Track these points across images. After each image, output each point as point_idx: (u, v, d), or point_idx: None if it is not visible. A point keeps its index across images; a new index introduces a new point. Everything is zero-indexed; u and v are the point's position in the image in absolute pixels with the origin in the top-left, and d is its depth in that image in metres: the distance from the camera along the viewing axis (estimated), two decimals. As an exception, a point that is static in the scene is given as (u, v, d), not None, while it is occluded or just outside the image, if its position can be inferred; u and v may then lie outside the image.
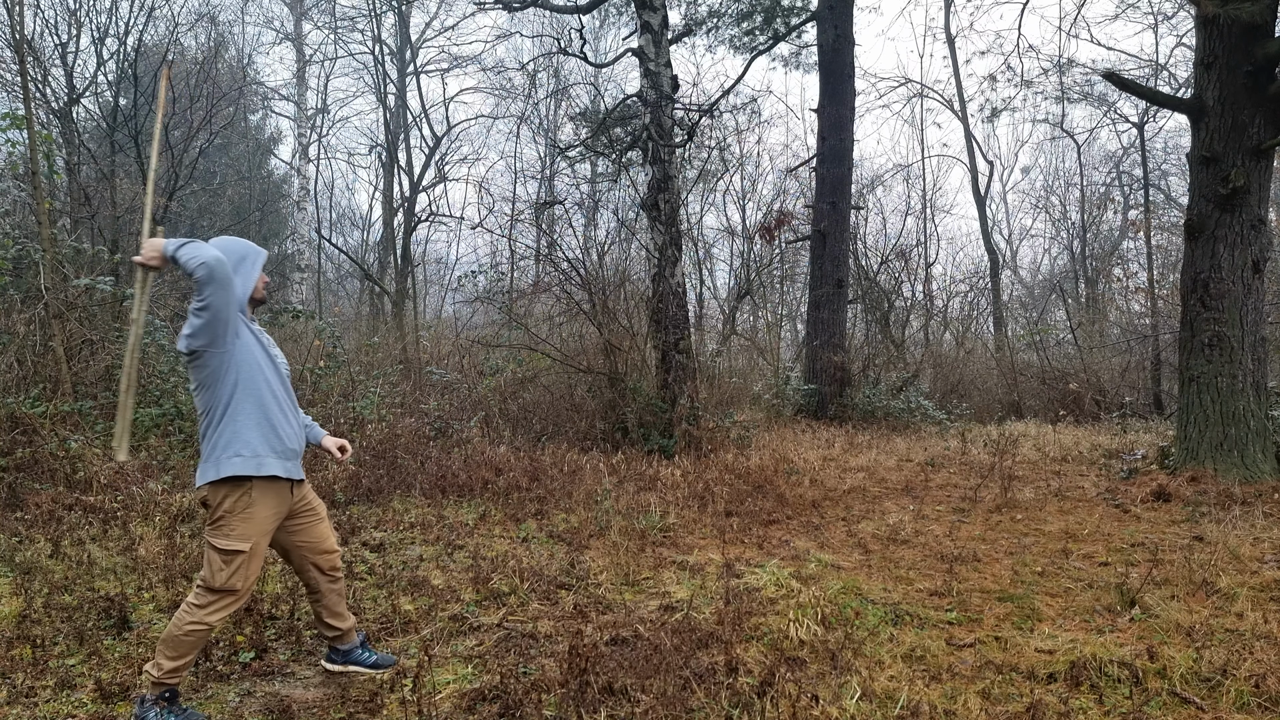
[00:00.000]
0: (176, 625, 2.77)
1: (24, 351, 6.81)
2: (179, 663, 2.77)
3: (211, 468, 2.78)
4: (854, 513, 6.05)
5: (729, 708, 2.80)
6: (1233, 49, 6.88)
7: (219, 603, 2.79)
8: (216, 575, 2.77)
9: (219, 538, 2.78)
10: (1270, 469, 6.70)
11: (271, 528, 2.89)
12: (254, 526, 2.81)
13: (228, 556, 2.77)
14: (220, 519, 2.78)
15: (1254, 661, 3.07)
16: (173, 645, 2.76)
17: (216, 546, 2.78)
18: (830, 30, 12.56)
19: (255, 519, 2.81)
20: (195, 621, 2.77)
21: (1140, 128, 16.55)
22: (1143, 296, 15.25)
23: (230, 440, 2.78)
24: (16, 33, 7.95)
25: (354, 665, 3.20)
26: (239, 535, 2.78)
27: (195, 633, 2.77)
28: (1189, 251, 7.25)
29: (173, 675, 2.77)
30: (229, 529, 2.78)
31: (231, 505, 2.78)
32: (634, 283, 10.32)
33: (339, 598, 3.19)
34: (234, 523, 2.78)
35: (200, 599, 2.78)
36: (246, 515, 2.79)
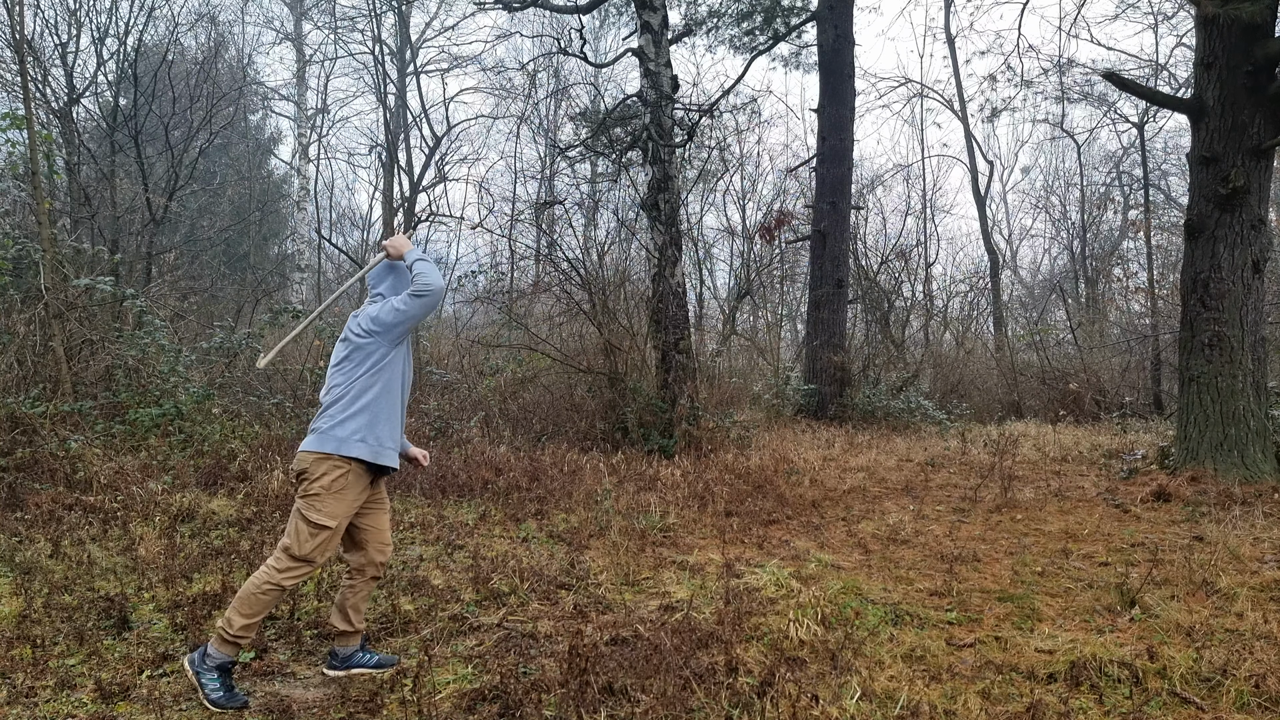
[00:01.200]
0: (254, 584, 2.94)
1: (24, 351, 6.81)
2: (250, 620, 2.93)
3: (333, 442, 2.98)
4: (854, 513, 6.05)
5: (729, 708, 2.80)
6: (1233, 49, 6.88)
7: (297, 569, 2.96)
8: (303, 545, 2.95)
9: (312, 511, 2.96)
10: (1270, 469, 6.70)
11: (355, 510, 3.07)
12: (343, 506, 3.00)
13: (315, 529, 2.95)
14: (316, 495, 2.96)
15: (1254, 661, 3.07)
16: (248, 603, 2.92)
17: (308, 519, 2.95)
18: (830, 30, 12.56)
19: (346, 500, 3.00)
20: (272, 583, 2.93)
21: (1140, 128, 16.55)
22: (1143, 296, 15.26)
23: (362, 427, 3.01)
24: (16, 33, 7.96)
25: (356, 668, 3.23)
26: (329, 513, 2.96)
27: (270, 593, 2.94)
28: (1189, 251, 7.25)
29: (244, 632, 2.92)
30: (322, 505, 2.96)
31: (329, 483, 2.96)
32: (634, 283, 10.31)
33: (368, 596, 3.32)
34: (328, 500, 2.96)
35: (280, 563, 2.96)
36: (340, 495, 2.98)
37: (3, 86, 11.13)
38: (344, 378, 3.06)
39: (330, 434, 2.99)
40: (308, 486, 2.98)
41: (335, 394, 3.05)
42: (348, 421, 3.00)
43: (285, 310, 9.21)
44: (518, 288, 14.08)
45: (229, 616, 2.92)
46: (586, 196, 17.14)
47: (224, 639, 2.91)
